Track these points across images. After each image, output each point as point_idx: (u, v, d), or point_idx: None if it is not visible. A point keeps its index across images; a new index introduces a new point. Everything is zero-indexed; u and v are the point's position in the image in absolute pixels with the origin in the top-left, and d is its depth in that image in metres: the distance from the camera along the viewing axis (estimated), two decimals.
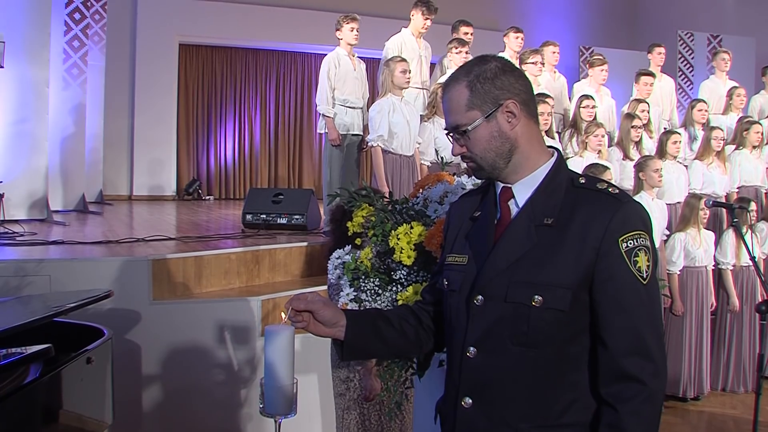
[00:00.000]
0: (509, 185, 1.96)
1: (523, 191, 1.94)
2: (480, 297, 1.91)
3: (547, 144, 2.03)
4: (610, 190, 1.91)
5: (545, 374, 1.86)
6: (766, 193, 7.82)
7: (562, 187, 1.92)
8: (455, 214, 2.12)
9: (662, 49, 9.11)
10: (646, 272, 1.85)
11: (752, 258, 4.19)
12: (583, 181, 1.95)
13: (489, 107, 1.91)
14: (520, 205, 1.94)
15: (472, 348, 1.91)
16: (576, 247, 1.83)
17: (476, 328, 1.91)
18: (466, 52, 7.59)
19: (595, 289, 1.83)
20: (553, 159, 1.98)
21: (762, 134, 7.94)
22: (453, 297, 1.99)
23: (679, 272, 6.50)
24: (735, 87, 8.92)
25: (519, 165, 1.95)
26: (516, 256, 1.88)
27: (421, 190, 2.86)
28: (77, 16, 10.29)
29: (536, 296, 1.83)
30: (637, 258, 1.83)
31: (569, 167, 2.01)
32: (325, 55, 7.26)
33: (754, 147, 7.87)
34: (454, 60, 7.56)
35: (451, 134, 1.98)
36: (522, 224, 1.90)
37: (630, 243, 1.82)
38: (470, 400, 1.92)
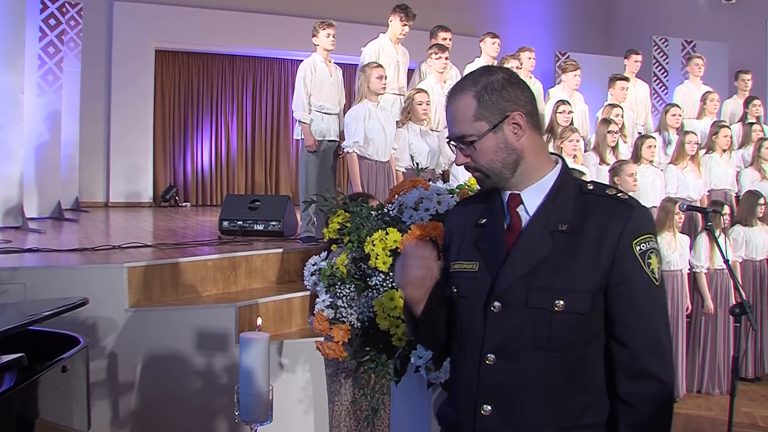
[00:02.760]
0: (517, 192, 1.98)
1: (532, 198, 1.96)
2: (497, 303, 1.91)
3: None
4: (619, 195, 1.97)
5: (565, 378, 1.88)
6: (736, 197, 7.89)
7: (572, 194, 1.96)
8: (456, 221, 2.12)
9: (639, 57, 9.16)
10: (658, 274, 1.91)
11: (726, 261, 4.23)
12: (591, 187, 1.99)
13: (496, 118, 1.93)
14: (531, 212, 1.96)
15: (491, 355, 1.92)
16: (592, 251, 1.87)
17: (495, 335, 1.92)
18: (446, 58, 7.61)
19: (611, 292, 1.88)
20: (559, 166, 2.01)
21: (731, 138, 8.01)
22: (464, 304, 2.00)
23: None
24: (709, 92, 8.99)
25: (525, 174, 1.97)
26: (534, 262, 1.90)
27: (396, 196, 2.87)
28: (52, 21, 10.22)
29: (558, 301, 1.86)
30: (650, 260, 1.89)
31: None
32: (302, 61, 7.25)
33: (724, 151, 7.94)
34: (434, 65, 7.57)
35: (455, 144, 1.99)
36: (537, 230, 1.92)
37: (643, 246, 1.88)
38: (489, 408, 1.92)
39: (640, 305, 1.88)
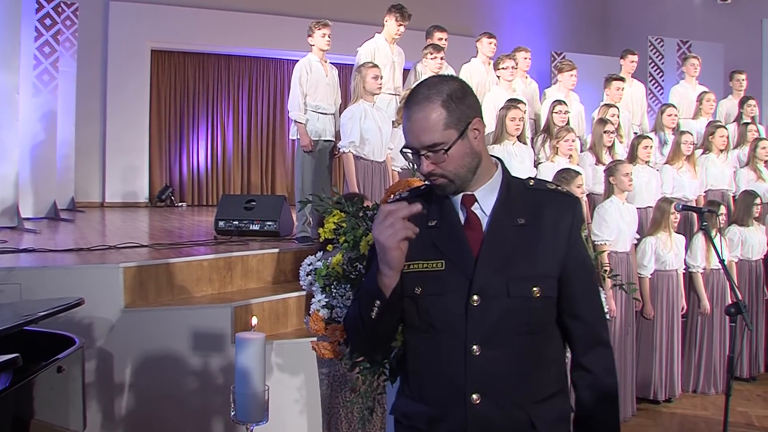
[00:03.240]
0: (471, 193, 2.10)
1: (486, 197, 2.11)
2: (476, 297, 2.01)
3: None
4: (559, 188, 2.21)
5: (539, 355, 2.08)
6: (733, 197, 7.90)
7: (520, 190, 2.14)
8: None
9: (635, 57, 9.17)
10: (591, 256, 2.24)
11: (721, 261, 4.24)
12: (532, 183, 2.19)
13: (462, 126, 2.03)
14: (487, 210, 2.10)
15: (475, 346, 2.02)
16: (551, 240, 2.08)
17: (479, 327, 2.02)
18: (441, 58, 7.60)
19: (567, 274, 2.09)
20: (500, 167, 2.18)
21: (727, 138, 8.04)
22: (435, 301, 2.06)
23: (650, 276, 6.54)
24: (705, 92, 9.01)
25: (479, 176, 2.11)
26: (506, 255, 2.04)
27: (391, 196, 2.86)
28: (48, 21, 10.22)
29: (534, 288, 2.04)
30: (588, 244, 2.22)
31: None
32: (298, 60, 7.25)
33: (721, 151, 7.96)
34: (429, 66, 7.56)
35: (423, 153, 2.04)
36: (502, 225, 2.07)
37: (585, 233, 2.16)
38: (477, 396, 2.02)
39: (589, 284, 2.17)
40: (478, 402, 2.02)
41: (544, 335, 2.10)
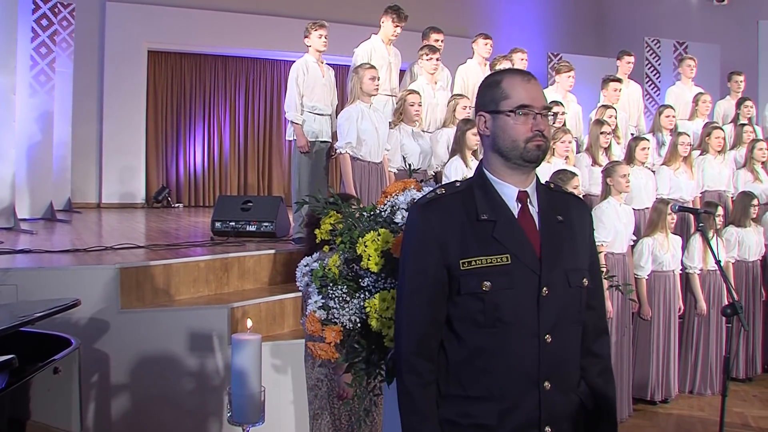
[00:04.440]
0: (525, 189, 2.22)
1: (533, 194, 2.24)
2: (545, 289, 2.13)
3: None
4: (573, 192, 2.48)
5: (579, 343, 2.28)
6: (731, 198, 7.90)
7: (547, 191, 2.31)
8: (443, 220, 2.17)
9: (632, 58, 9.18)
10: None
11: (718, 262, 4.23)
12: (553, 186, 2.37)
13: None
14: (535, 206, 2.23)
15: (548, 335, 2.13)
16: (580, 237, 2.28)
17: (549, 316, 2.14)
18: (437, 59, 7.61)
19: (590, 268, 2.29)
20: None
21: (724, 139, 8.02)
22: (505, 295, 2.12)
23: (647, 277, 6.55)
24: (701, 93, 9.02)
25: (533, 172, 2.27)
26: (562, 247, 2.20)
27: (388, 197, 2.86)
28: (44, 22, 10.22)
29: (584, 279, 2.24)
30: None
31: (538, 173, 2.33)
32: (294, 61, 7.25)
33: (718, 152, 7.96)
34: (425, 67, 7.57)
35: (541, 112, 2.19)
36: (551, 221, 2.22)
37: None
38: (548, 383, 2.13)
39: (600, 278, 2.39)
40: (549, 389, 2.13)
41: (581, 324, 2.28)
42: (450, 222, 2.16)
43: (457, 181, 2.35)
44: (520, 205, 2.20)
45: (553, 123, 2.15)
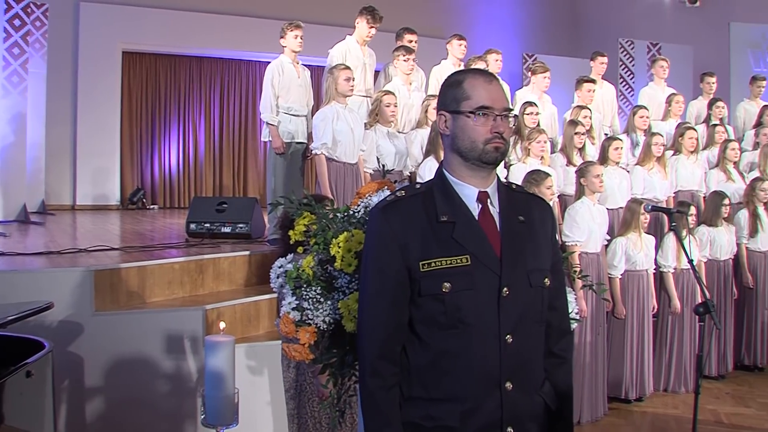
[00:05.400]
0: (485, 190, 2.22)
1: (493, 195, 2.24)
2: (506, 289, 2.13)
3: None
4: (534, 193, 2.47)
5: (541, 343, 2.29)
6: (703, 198, 7.97)
7: (508, 191, 2.31)
8: (403, 223, 2.18)
9: (605, 59, 9.24)
10: None
11: (690, 261, 4.27)
12: (515, 186, 2.40)
13: None
14: (496, 207, 2.23)
15: (509, 336, 2.14)
16: (542, 237, 2.28)
17: (510, 317, 2.14)
18: (413, 60, 7.63)
19: (552, 269, 2.29)
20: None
21: (697, 139, 8.09)
22: (466, 296, 2.12)
23: (620, 276, 6.59)
24: (674, 94, 9.09)
25: (493, 173, 2.27)
26: (523, 248, 2.20)
27: (362, 198, 2.87)
28: (17, 22, 10.12)
29: (545, 279, 2.25)
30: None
31: (513, 174, 2.34)
32: (270, 62, 7.24)
33: (691, 152, 8.02)
34: (401, 68, 7.58)
35: (501, 114, 2.20)
36: (511, 221, 2.22)
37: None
38: (510, 384, 2.14)
39: (563, 279, 2.41)
40: (511, 389, 2.14)
41: (544, 324, 2.28)
42: (410, 224, 2.16)
43: (417, 182, 2.36)
44: (480, 206, 2.20)
45: (513, 125, 2.11)
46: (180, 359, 5.10)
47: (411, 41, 8.04)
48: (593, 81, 8.60)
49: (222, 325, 2.39)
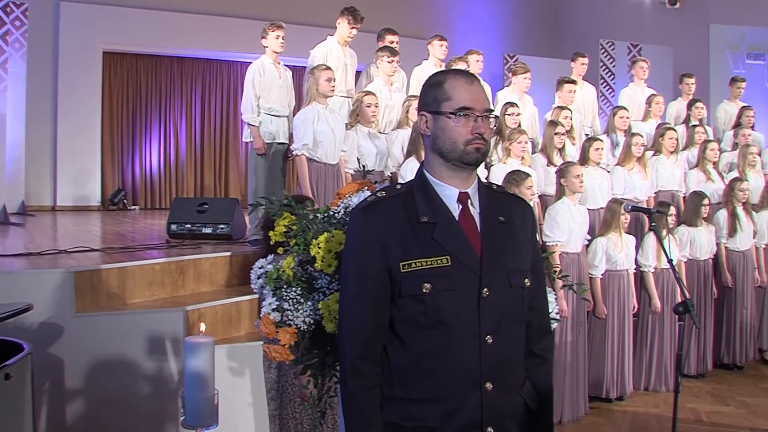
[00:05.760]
0: (466, 191, 2.22)
1: (474, 195, 2.25)
2: (486, 290, 2.14)
3: None
4: (514, 193, 2.47)
5: (522, 344, 2.30)
6: (683, 198, 8.02)
7: (489, 192, 2.31)
8: (384, 223, 2.17)
9: (585, 60, 9.28)
10: None
11: (670, 261, 4.29)
12: (495, 186, 2.39)
13: None
14: (476, 207, 2.23)
15: (488, 336, 2.14)
16: (522, 238, 2.28)
17: (490, 317, 2.15)
18: (397, 62, 7.64)
19: (532, 269, 2.29)
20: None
21: (677, 140, 8.14)
22: (446, 297, 2.12)
23: (601, 276, 6.62)
24: (653, 95, 9.15)
25: (474, 173, 2.27)
26: (503, 248, 2.21)
27: (342, 199, 2.87)
28: None
29: (526, 279, 2.25)
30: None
31: (494, 174, 2.34)
32: (251, 63, 7.23)
33: (671, 152, 8.07)
34: (384, 69, 7.58)
35: (482, 115, 2.21)
36: (492, 221, 2.22)
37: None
38: (490, 384, 2.14)
39: (543, 279, 2.41)
40: (491, 389, 2.14)
41: (524, 324, 2.29)
42: (391, 224, 2.16)
43: (398, 183, 2.36)
44: (460, 207, 2.20)
45: (494, 126, 2.12)
46: (161, 360, 5.08)
47: (392, 42, 8.05)
48: (574, 82, 8.64)
49: (202, 326, 2.39)
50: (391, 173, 7.03)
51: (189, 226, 7.08)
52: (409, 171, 6.30)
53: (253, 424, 5.31)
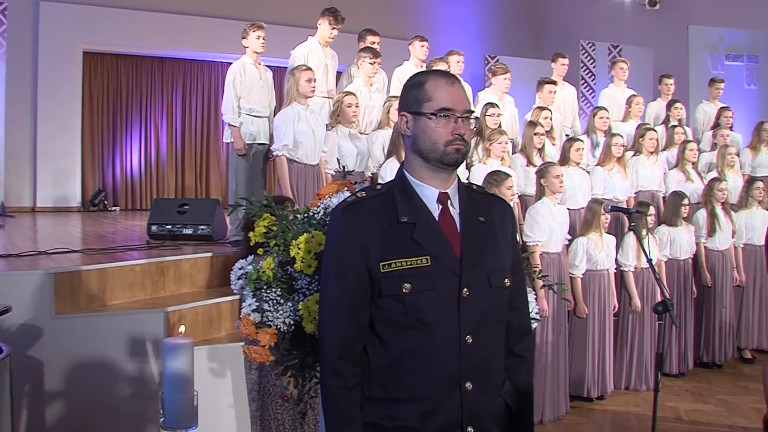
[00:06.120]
0: (446, 191, 2.23)
1: (454, 195, 2.25)
2: (466, 290, 2.14)
3: None
4: (493, 193, 2.48)
5: (502, 343, 2.31)
6: (663, 198, 8.06)
7: (469, 192, 2.31)
8: (364, 223, 2.18)
9: (566, 60, 9.32)
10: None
11: (649, 261, 4.32)
12: (475, 187, 2.40)
13: None
14: (456, 208, 2.24)
15: (468, 336, 2.15)
16: (502, 238, 2.29)
17: (470, 317, 2.15)
18: (378, 63, 7.65)
19: (512, 269, 2.30)
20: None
21: (657, 140, 8.19)
22: (426, 296, 2.13)
23: (581, 276, 6.64)
24: (633, 95, 9.20)
25: (454, 173, 2.28)
26: (483, 248, 2.22)
27: (321, 199, 2.87)
28: None
29: (505, 279, 2.26)
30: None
31: (474, 174, 2.35)
32: (232, 63, 7.22)
33: (651, 153, 8.12)
34: (365, 69, 7.58)
35: (463, 116, 2.21)
36: (472, 222, 2.23)
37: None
38: (470, 384, 2.15)
39: (523, 279, 2.43)
40: (471, 389, 2.14)
41: (504, 324, 2.30)
42: (370, 225, 2.16)
43: (378, 183, 2.37)
44: (440, 207, 2.21)
45: (475, 127, 2.14)
46: (142, 362, 5.06)
47: (374, 43, 8.06)
48: (554, 82, 8.67)
49: (181, 328, 2.38)
50: (371, 174, 7.04)
51: (169, 227, 7.05)
52: (389, 171, 6.30)
53: (235, 425, 5.30)
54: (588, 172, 7.62)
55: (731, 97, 10.63)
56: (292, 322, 2.73)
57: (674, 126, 9.03)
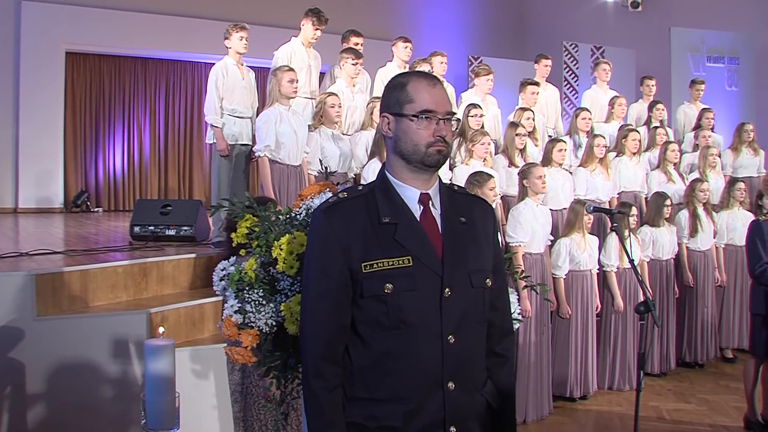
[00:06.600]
0: (427, 192, 2.24)
1: (435, 196, 2.26)
2: (448, 290, 2.15)
3: None
4: (475, 194, 2.47)
5: (483, 343, 2.31)
6: (645, 198, 8.10)
7: (450, 193, 2.32)
8: (346, 224, 2.18)
9: (549, 61, 9.34)
10: None
11: (631, 261, 4.33)
12: (456, 187, 2.40)
13: None
14: (437, 208, 2.25)
15: (450, 336, 2.15)
16: (484, 239, 2.30)
17: (452, 317, 2.16)
18: (361, 64, 7.65)
19: (493, 270, 2.32)
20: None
21: (639, 141, 8.24)
22: (408, 297, 2.14)
23: (564, 276, 6.67)
24: (616, 96, 9.25)
25: (435, 174, 2.29)
26: (464, 249, 2.23)
27: (303, 200, 2.87)
28: None
29: (487, 279, 2.27)
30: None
31: (456, 175, 2.36)
32: (214, 64, 7.20)
33: (634, 154, 8.16)
34: (347, 70, 7.58)
35: (444, 118, 2.22)
36: (453, 222, 2.24)
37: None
38: (452, 383, 2.16)
39: (504, 279, 2.43)
40: (453, 389, 2.16)
41: (486, 324, 2.31)
42: (352, 225, 2.16)
43: (360, 184, 2.37)
44: (422, 208, 2.22)
45: (456, 128, 2.17)
46: (124, 364, 5.04)
47: (357, 44, 8.06)
48: (537, 83, 8.70)
49: (161, 329, 2.38)
50: (354, 175, 7.04)
51: (152, 228, 7.03)
52: (371, 172, 6.30)
53: (218, 427, 5.28)
54: (570, 172, 7.64)
55: (713, 99, 10.70)
56: (274, 323, 2.73)
57: (656, 127, 9.08)
